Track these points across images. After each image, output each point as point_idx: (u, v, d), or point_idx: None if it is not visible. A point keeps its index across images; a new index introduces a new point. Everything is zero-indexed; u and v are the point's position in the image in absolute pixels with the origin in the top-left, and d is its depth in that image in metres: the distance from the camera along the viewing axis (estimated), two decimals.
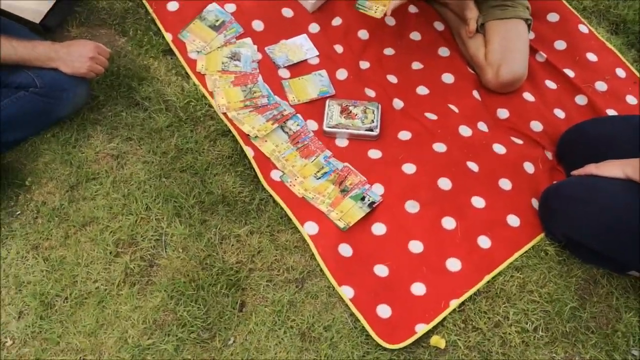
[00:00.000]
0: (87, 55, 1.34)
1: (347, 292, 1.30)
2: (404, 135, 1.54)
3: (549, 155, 1.56)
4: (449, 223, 1.40)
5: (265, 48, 1.65)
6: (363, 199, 1.42)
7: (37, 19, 1.53)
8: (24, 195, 1.35)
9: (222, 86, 1.55)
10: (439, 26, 1.80)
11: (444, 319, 1.29)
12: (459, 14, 1.73)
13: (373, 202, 1.41)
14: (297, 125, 1.54)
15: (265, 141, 1.49)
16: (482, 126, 1.60)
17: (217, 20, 1.66)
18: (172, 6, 1.66)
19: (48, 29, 1.56)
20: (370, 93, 1.63)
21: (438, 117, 1.58)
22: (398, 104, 1.61)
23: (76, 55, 1.34)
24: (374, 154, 1.51)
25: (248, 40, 1.65)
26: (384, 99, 1.61)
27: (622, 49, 1.83)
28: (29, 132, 1.41)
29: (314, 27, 1.72)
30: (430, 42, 1.75)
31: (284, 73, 1.63)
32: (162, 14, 1.65)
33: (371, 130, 1.52)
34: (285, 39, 1.68)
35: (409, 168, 1.48)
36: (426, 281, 1.34)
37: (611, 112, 1.66)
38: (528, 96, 1.67)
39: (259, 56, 1.63)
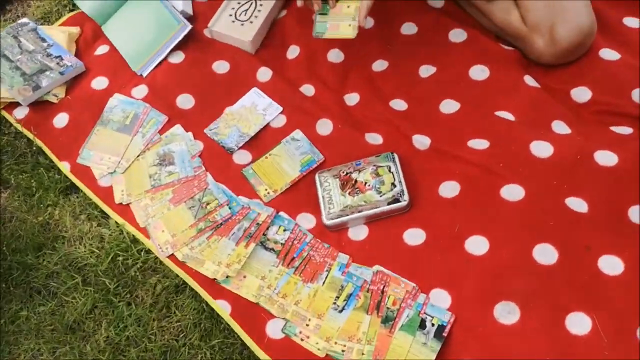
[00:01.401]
0: None
1: None
2: (449, 188, 0.96)
3: None
4: (579, 323, 0.80)
5: (205, 130, 1.12)
6: (423, 325, 0.85)
7: None
8: None
9: (157, 213, 1.02)
10: (436, 3, 1.22)
11: None
12: None
13: (441, 327, 0.84)
14: (284, 230, 0.99)
15: (244, 278, 0.95)
16: (561, 127, 1.00)
17: (126, 117, 1.14)
18: (60, 121, 1.15)
19: None
20: (375, 139, 1.06)
21: (491, 141, 0.99)
22: (421, 141, 1.03)
23: None
24: (414, 235, 0.94)
25: (177, 128, 1.12)
26: (399, 142, 1.04)
27: None
28: None
29: (265, 73, 1.18)
30: (433, 28, 1.17)
31: (241, 157, 1.08)
32: (49, 138, 1.13)
33: (397, 200, 0.96)
34: (230, 105, 1.15)
35: (478, 244, 0.89)
36: None
37: None
38: (608, 54, 1.07)
39: (200, 146, 1.10)
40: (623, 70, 1.05)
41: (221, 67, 1.19)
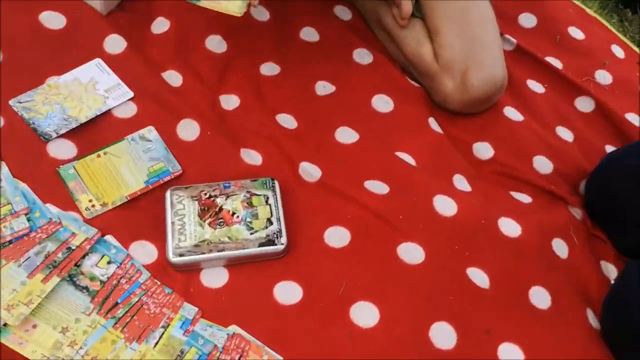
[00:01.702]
0: None
1: None
2: (338, 236, 0.77)
3: (576, 213, 0.91)
4: None
5: (11, 101, 0.77)
6: None
7: None
8: None
9: None
10: (343, 14, 1.05)
11: None
12: None
13: None
14: (109, 262, 0.70)
15: (33, 328, 0.63)
16: (462, 183, 0.88)
17: None
18: None
19: None
20: (253, 158, 0.83)
21: (391, 187, 0.83)
22: (310, 171, 0.83)
23: None
24: (288, 291, 0.72)
25: None
26: (282, 167, 0.83)
27: (602, 17, 1.25)
28: None
29: (116, 43, 0.87)
30: (336, 41, 1.00)
31: (61, 150, 0.76)
32: None
33: (271, 242, 0.74)
34: (57, 76, 0.82)
35: (366, 313, 0.71)
36: None
37: (632, 117, 1.05)
38: (512, 113, 0.99)
39: None
40: (526, 133, 0.98)
41: (53, 20, 0.85)
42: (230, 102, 0.89)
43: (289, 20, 1.00)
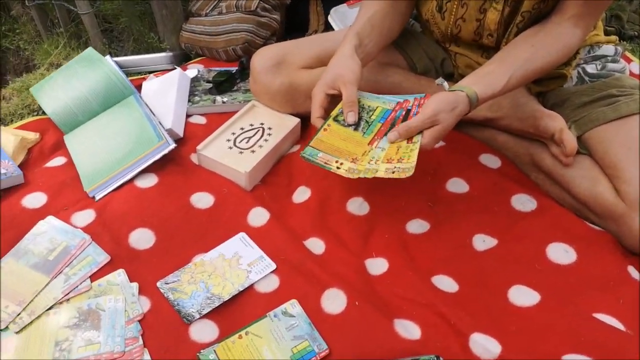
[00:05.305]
0: None
1: None
2: None
3: None
4: None
5: (159, 283, 0.76)
6: None
7: None
8: None
9: None
10: (490, 161, 0.96)
11: None
12: (527, 131, 0.90)
13: None
14: None
15: None
16: None
17: (51, 250, 0.79)
18: None
19: None
20: (410, 331, 0.69)
21: None
22: (485, 345, 0.66)
23: None
24: None
25: (118, 275, 0.76)
26: (447, 340, 0.68)
27: None
28: None
29: (259, 216, 0.86)
30: (490, 190, 0.89)
31: (203, 331, 0.71)
32: None
33: None
34: (204, 253, 0.81)
35: None
36: None
37: None
38: None
39: (144, 305, 0.73)
40: None
41: (203, 200, 0.88)
42: (377, 266, 0.80)
43: (431, 173, 0.93)
